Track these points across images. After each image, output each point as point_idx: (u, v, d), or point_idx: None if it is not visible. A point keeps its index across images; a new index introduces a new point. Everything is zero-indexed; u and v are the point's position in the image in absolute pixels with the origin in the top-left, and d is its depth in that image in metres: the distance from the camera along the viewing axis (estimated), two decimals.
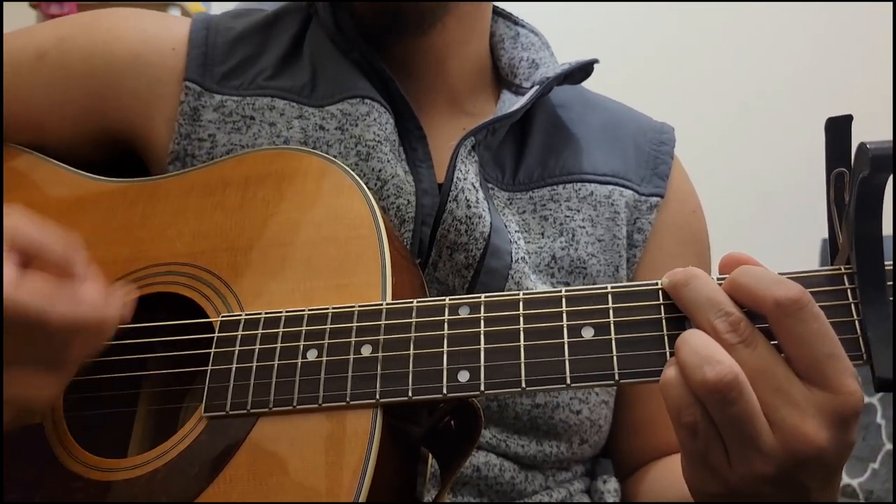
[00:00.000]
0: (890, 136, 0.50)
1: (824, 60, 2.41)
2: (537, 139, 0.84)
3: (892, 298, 0.51)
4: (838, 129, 0.54)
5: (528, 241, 0.79)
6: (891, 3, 2.27)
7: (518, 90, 0.84)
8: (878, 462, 1.73)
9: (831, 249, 0.56)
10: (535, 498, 0.77)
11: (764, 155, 2.41)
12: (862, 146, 0.50)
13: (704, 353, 0.50)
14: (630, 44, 2.49)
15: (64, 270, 0.54)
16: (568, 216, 0.81)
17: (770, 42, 2.47)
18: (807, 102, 2.30)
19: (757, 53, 2.47)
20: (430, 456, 0.65)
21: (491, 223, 0.74)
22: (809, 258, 2.10)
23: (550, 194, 0.81)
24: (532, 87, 0.82)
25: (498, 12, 0.90)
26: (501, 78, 0.88)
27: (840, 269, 0.53)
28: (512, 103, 0.82)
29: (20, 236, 0.53)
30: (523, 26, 0.90)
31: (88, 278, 0.55)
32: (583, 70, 0.84)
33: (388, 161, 0.75)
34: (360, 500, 0.54)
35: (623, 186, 0.84)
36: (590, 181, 0.83)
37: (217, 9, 2.59)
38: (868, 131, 0.50)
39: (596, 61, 0.84)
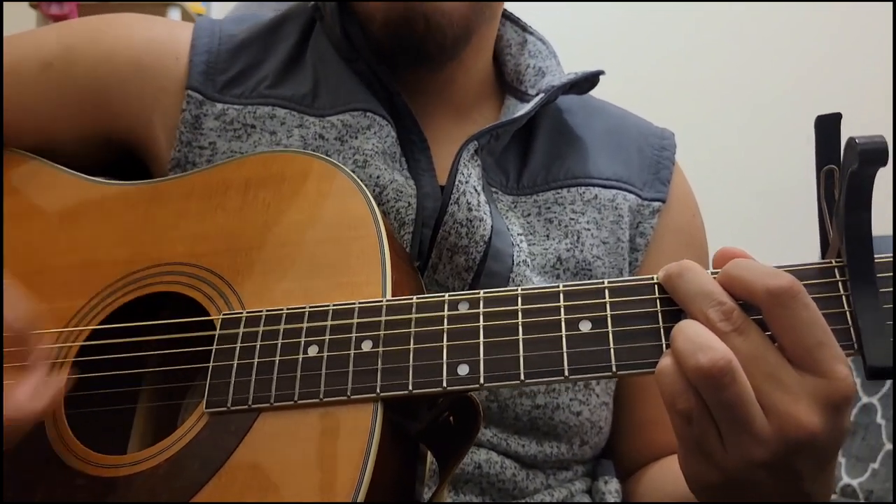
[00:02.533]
0: (889, 137, 0.51)
1: (824, 61, 2.41)
2: (541, 144, 0.84)
3: (883, 290, 0.52)
4: (828, 127, 0.55)
5: (533, 244, 0.80)
6: (891, 3, 2.27)
7: (523, 97, 0.85)
8: (878, 462, 1.73)
9: (822, 245, 0.57)
10: (536, 497, 0.77)
11: (764, 155, 2.41)
12: (851, 141, 0.51)
13: (698, 340, 0.50)
14: (630, 47, 2.49)
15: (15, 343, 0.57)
16: (573, 219, 0.81)
17: (770, 43, 2.48)
18: (807, 103, 2.30)
19: (757, 54, 2.47)
20: (429, 453, 0.65)
21: (492, 226, 0.75)
22: (809, 258, 2.10)
23: (555, 198, 0.82)
24: (537, 94, 0.82)
25: (507, 16, 0.91)
26: (506, 83, 0.88)
27: (831, 262, 0.54)
28: (516, 109, 0.83)
29: None
30: (531, 33, 0.90)
31: (30, 367, 0.58)
32: (589, 80, 0.85)
33: (386, 169, 0.76)
34: (361, 495, 0.55)
35: (626, 191, 0.85)
36: (594, 185, 0.83)
37: (217, 9, 2.60)
38: (868, 131, 0.51)
39: (602, 72, 0.85)
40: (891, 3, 2.25)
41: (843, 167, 0.52)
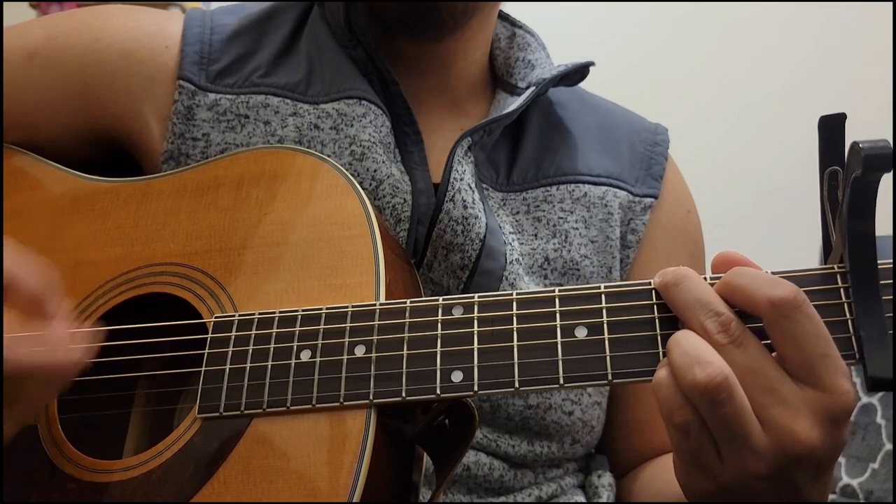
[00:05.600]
0: (889, 137, 0.50)
1: (824, 60, 2.40)
2: (532, 139, 0.83)
3: (885, 298, 0.51)
4: (832, 127, 0.54)
5: (522, 243, 0.79)
6: (891, 3, 2.26)
7: (514, 90, 0.84)
8: (878, 462, 1.73)
9: (825, 248, 0.55)
10: (524, 493, 0.77)
11: (763, 155, 2.41)
12: (854, 145, 0.50)
13: (694, 354, 0.49)
14: (627, 44, 2.48)
15: (35, 307, 0.54)
16: (561, 217, 0.81)
17: (769, 41, 2.47)
18: (806, 102, 2.29)
19: (755, 53, 2.47)
20: (425, 455, 0.65)
21: (487, 224, 0.74)
22: (809, 258, 2.09)
23: (544, 195, 0.81)
24: (528, 87, 0.82)
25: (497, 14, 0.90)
26: (497, 77, 0.88)
27: (833, 268, 0.53)
28: (507, 103, 0.82)
29: None
30: (520, 27, 0.89)
31: (58, 318, 0.55)
32: (579, 72, 0.84)
33: (383, 162, 0.75)
34: (354, 500, 0.54)
35: (617, 187, 0.84)
36: (584, 182, 0.83)
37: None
38: (867, 132, 0.50)
39: (592, 63, 0.84)
40: (891, 3, 2.24)
41: (846, 171, 0.51)
